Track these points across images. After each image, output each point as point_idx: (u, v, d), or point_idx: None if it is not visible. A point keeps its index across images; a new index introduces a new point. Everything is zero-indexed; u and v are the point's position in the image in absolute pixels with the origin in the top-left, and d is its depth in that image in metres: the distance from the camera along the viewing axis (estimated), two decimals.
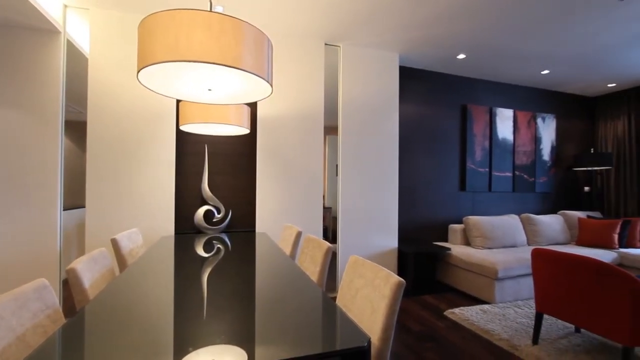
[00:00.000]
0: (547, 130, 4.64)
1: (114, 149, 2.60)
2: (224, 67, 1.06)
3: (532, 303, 3.10)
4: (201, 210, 2.88)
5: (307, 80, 3.12)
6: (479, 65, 3.82)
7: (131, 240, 2.14)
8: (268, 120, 3.01)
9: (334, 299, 1.26)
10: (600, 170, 4.86)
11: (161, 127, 2.72)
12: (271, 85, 1.22)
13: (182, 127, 2.31)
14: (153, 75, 1.21)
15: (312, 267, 1.75)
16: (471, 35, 3.05)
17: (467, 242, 3.85)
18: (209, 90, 1.39)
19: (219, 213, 2.96)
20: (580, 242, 4.05)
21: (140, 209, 2.65)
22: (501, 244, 3.71)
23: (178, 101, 2.75)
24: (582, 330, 2.52)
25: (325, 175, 5.57)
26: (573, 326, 2.60)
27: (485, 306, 3.01)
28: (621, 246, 3.84)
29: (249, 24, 1.09)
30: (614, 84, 4.45)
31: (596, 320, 1.92)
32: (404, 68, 3.85)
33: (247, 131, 2.50)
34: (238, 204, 3.07)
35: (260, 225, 2.98)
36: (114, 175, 2.60)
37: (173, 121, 2.75)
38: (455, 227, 3.90)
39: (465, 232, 3.86)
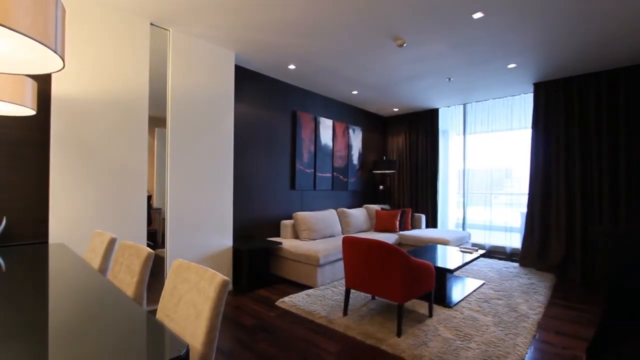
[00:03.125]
0: (356, 139, 5.71)
1: None
2: None
3: (344, 282, 3.75)
4: None
5: (128, 61, 2.67)
6: (306, 78, 4.29)
7: None
8: (69, 101, 2.38)
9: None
10: (389, 173, 6.39)
11: None
12: (62, 57, 0.97)
13: None
14: None
15: (128, 278, 1.51)
16: (299, 51, 3.40)
17: (296, 236, 4.26)
18: None
19: None
20: (377, 229, 5.20)
21: None
22: (323, 235, 4.30)
23: None
24: (376, 297, 3.24)
25: (154, 173, 4.92)
26: (370, 295, 3.30)
27: (310, 290, 3.42)
28: (400, 229, 5.18)
29: None
30: (397, 109, 5.95)
31: (383, 288, 2.51)
32: (241, 68, 3.88)
33: (31, 112, 1.90)
34: (18, 208, 2.30)
35: (57, 235, 2.33)
36: None
37: None
38: (286, 223, 4.24)
39: (294, 226, 4.25)
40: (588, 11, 2.59)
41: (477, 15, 2.66)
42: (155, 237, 4.72)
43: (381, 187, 6.34)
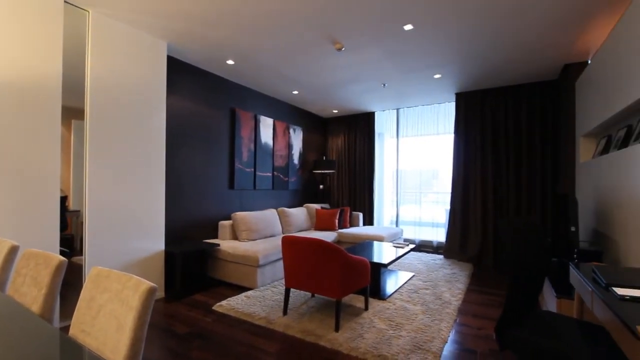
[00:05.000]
0: (297, 139, 5.74)
1: None
2: None
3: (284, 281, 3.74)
4: None
5: (36, 44, 2.31)
6: (246, 75, 4.19)
7: None
8: None
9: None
10: (329, 173, 6.54)
11: None
12: None
13: None
14: None
15: (34, 291, 1.32)
16: (237, 46, 3.30)
17: (235, 237, 4.13)
18: None
19: None
20: (317, 227, 5.29)
21: None
22: (263, 235, 4.24)
23: None
24: (316, 295, 3.29)
25: (70, 171, 4.34)
26: (310, 293, 3.35)
27: (249, 292, 3.35)
28: (339, 228, 5.34)
29: None
30: (337, 111, 6.12)
31: (322, 286, 2.57)
32: (176, 60, 3.63)
33: None
34: None
35: None
36: None
37: None
38: (225, 223, 4.09)
39: (233, 227, 4.12)
40: (497, 34, 2.97)
41: (408, 27, 2.87)
42: (72, 243, 4.18)
43: (321, 186, 6.47)
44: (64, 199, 2.74)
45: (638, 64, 2.04)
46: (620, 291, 1.21)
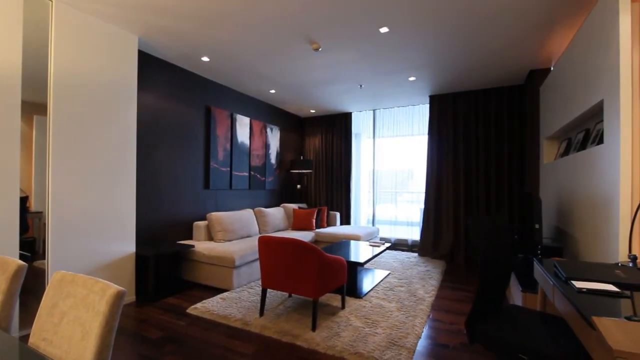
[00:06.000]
0: (274, 139, 5.70)
1: None
2: None
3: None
4: None
5: None
6: (222, 72, 4.10)
7: None
8: None
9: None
10: (306, 172, 6.54)
11: None
12: None
13: None
14: None
15: None
16: (212, 42, 3.23)
17: (210, 237, 4.04)
18: None
19: None
20: (294, 227, 5.28)
21: None
22: (239, 235, 4.18)
23: None
24: (293, 295, 3.29)
25: (32, 170, 4.07)
26: (287, 293, 3.34)
27: (225, 294, 3.29)
28: (316, 227, 5.35)
29: None
30: (314, 110, 6.13)
31: (299, 285, 2.57)
32: (148, 55, 3.50)
33: None
34: None
35: None
36: None
37: None
38: (200, 224, 3.99)
39: (208, 227, 4.03)
40: (468, 41, 3.08)
41: (384, 29, 2.92)
42: (34, 246, 3.93)
43: (299, 186, 6.46)
44: (24, 200, 2.58)
45: (594, 72, 2.19)
46: (578, 284, 1.29)
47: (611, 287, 1.25)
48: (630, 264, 1.56)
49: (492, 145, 4.66)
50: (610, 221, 1.91)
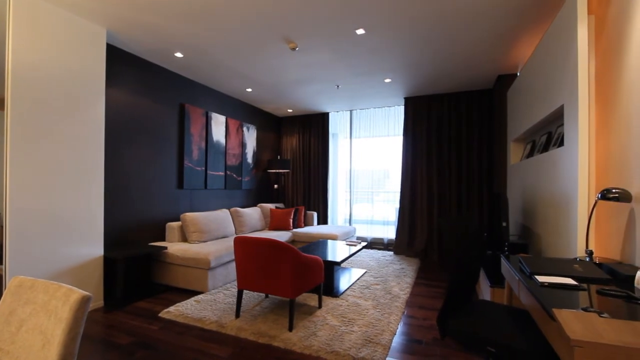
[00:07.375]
0: (251, 138, 5.63)
1: None
2: None
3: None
4: None
5: None
6: (196, 69, 4.00)
7: None
8: None
9: None
10: (283, 172, 6.51)
11: None
12: None
13: None
14: None
15: None
16: (186, 38, 3.14)
17: (184, 239, 3.93)
18: None
19: None
20: (271, 227, 5.23)
21: None
22: (215, 236, 4.09)
23: None
24: (270, 295, 3.26)
25: None
26: (263, 294, 3.30)
27: (200, 296, 3.21)
28: (294, 227, 5.34)
29: None
30: (291, 110, 6.11)
31: (275, 286, 2.55)
32: (117, 49, 3.34)
33: None
34: None
35: None
36: None
37: None
38: (173, 225, 3.87)
39: (182, 228, 3.92)
40: (441, 46, 3.18)
41: (360, 31, 2.96)
42: None
43: (276, 186, 6.41)
44: None
45: (556, 78, 2.32)
46: (541, 279, 1.37)
47: (570, 281, 1.33)
48: (587, 259, 1.67)
49: (463, 147, 4.83)
50: (570, 219, 2.04)
